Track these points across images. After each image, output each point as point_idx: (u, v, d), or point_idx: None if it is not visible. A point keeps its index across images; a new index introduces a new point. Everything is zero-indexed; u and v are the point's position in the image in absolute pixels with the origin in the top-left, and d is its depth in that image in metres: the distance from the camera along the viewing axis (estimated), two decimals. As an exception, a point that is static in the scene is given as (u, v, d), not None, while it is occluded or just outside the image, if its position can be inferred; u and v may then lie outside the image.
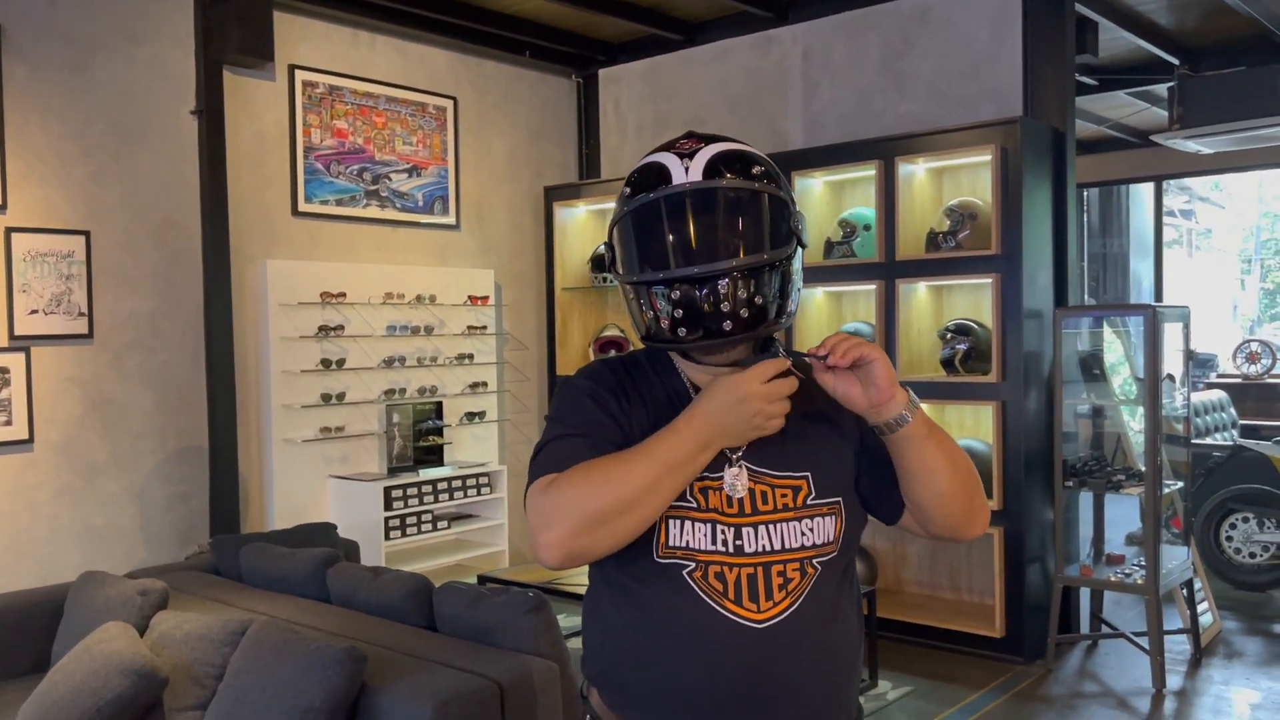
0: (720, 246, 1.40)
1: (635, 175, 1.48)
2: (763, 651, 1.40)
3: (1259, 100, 6.21)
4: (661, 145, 1.51)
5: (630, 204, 1.45)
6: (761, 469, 1.45)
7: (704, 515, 1.42)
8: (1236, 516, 5.87)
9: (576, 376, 1.54)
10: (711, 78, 6.17)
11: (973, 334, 4.86)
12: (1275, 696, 4.34)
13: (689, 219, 1.41)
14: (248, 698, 2.67)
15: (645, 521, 1.36)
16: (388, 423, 5.56)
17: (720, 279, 1.39)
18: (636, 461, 1.34)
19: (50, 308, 4.54)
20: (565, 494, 1.33)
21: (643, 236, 1.45)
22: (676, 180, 1.42)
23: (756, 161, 1.46)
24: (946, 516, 1.48)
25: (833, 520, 1.47)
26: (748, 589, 1.40)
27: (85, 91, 4.66)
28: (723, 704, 1.41)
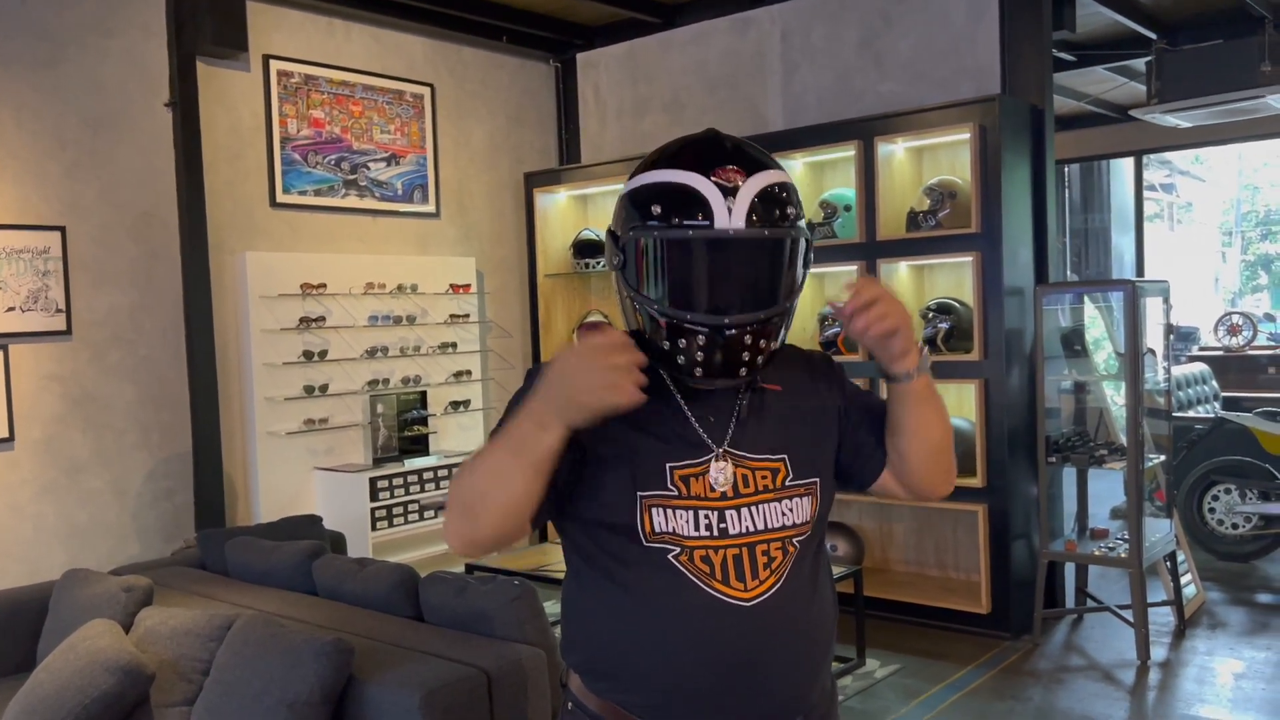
0: (754, 298, 1.38)
1: (665, 194, 1.38)
2: (752, 629, 1.42)
3: (1236, 73, 6.23)
4: (688, 157, 1.40)
5: (660, 229, 1.37)
6: (741, 452, 1.47)
7: (686, 503, 1.43)
8: (1219, 488, 5.92)
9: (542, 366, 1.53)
10: (690, 60, 6.15)
11: (954, 313, 4.87)
12: (1258, 666, 4.39)
13: (728, 267, 1.37)
14: (235, 692, 2.67)
15: (508, 507, 1.34)
16: (372, 413, 5.54)
17: (747, 329, 1.39)
18: (486, 449, 1.37)
19: (27, 304, 4.51)
20: (452, 485, 1.40)
21: (671, 270, 1.38)
22: (719, 222, 1.34)
23: (789, 197, 1.41)
24: (928, 471, 1.55)
25: (809, 500, 1.49)
26: (734, 569, 1.42)
27: (58, 86, 4.61)
28: (714, 683, 1.42)
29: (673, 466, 1.44)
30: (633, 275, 1.42)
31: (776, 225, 1.38)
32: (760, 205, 1.37)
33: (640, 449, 1.44)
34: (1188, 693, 4.15)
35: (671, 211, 1.37)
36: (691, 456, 1.44)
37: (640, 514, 1.42)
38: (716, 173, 1.37)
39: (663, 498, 1.43)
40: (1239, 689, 4.16)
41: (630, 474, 1.43)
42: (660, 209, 1.38)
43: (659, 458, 1.44)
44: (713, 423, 1.47)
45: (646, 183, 1.41)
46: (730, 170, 1.37)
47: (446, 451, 5.85)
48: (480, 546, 1.40)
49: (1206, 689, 4.17)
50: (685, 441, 1.46)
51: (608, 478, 1.44)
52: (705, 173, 1.37)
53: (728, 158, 1.39)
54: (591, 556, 1.49)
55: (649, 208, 1.39)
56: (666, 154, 1.44)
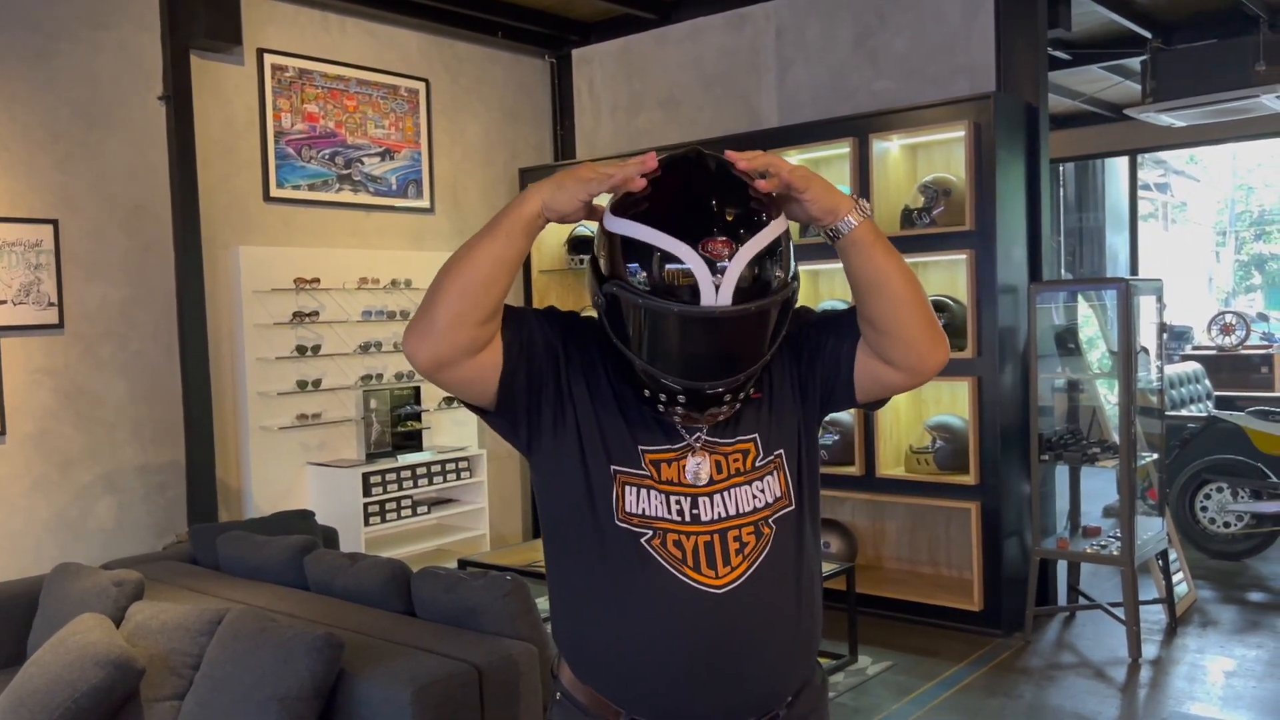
0: (735, 363, 1.39)
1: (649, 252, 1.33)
2: (723, 616, 1.42)
3: (1231, 73, 6.24)
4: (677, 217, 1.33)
5: (645, 299, 1.33)
6: (714, 439, 1.48)
7: (659, 486, 1.45)
8: (1211, 487, 5.94)
9: (584, 319, 1.55)
10: (685, 56, 6.14)
11: (948, 310, 4.87)
12: (1249, 664, 4.40)
13: (712, 341, 1.36)
14: (225, 687, 2.66)
15: (470, 279, 1.37)
16: (365, 408, 5.53)
17: (726, 390, 1.40)
18: (472, 239, 1.40)
19: (19, 298, 4.49)
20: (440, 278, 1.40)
21: (653, 333, 1.37)
22: (705, 299, 1.31)
23: (779, 254, 1.36)
24: (907, 330, 1.44)
25: (776, 475, 1.49)
26: (705, 556, 1.43)
27: (50, 78, 4.59)
28: (687, 669, 1.43)
29: (644, 449, 1.46)
30: (616, 325, 1.41)
31: (764, 295, 1.35)
32: (749, 279, 1.33)
33: (612, 427, 1.46)
34: (1179, 690, 4.15)
35: (656, 278, 1.33)
36: (664, 442, 1.46)
37: (614, 489, 1.43)
38: (705, 245, 1.31)
39: (637, 476, 1.44)
40: (1230, 687, 4.17)
41: (604, 448, 1.45)
42: (645, 274, 1.34)
43: (631, 439, 1.46)
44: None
45: (633, 236, 1.35)
46: (719, 242, 1.31)
47: (440, 447, 5.85)
48: (435, 339, 1.37)
49: (1197, 687, 4.18)
50: (659, 428, 1.47)
51: (583, 448, 1.46)
52: (694, 242, 1.32)
53: (717, 223, 1.33)
54: (568, 544, 1.50)
55: (634, 263, 1.35)
56: (656, 204, 1.36)
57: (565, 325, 1.52)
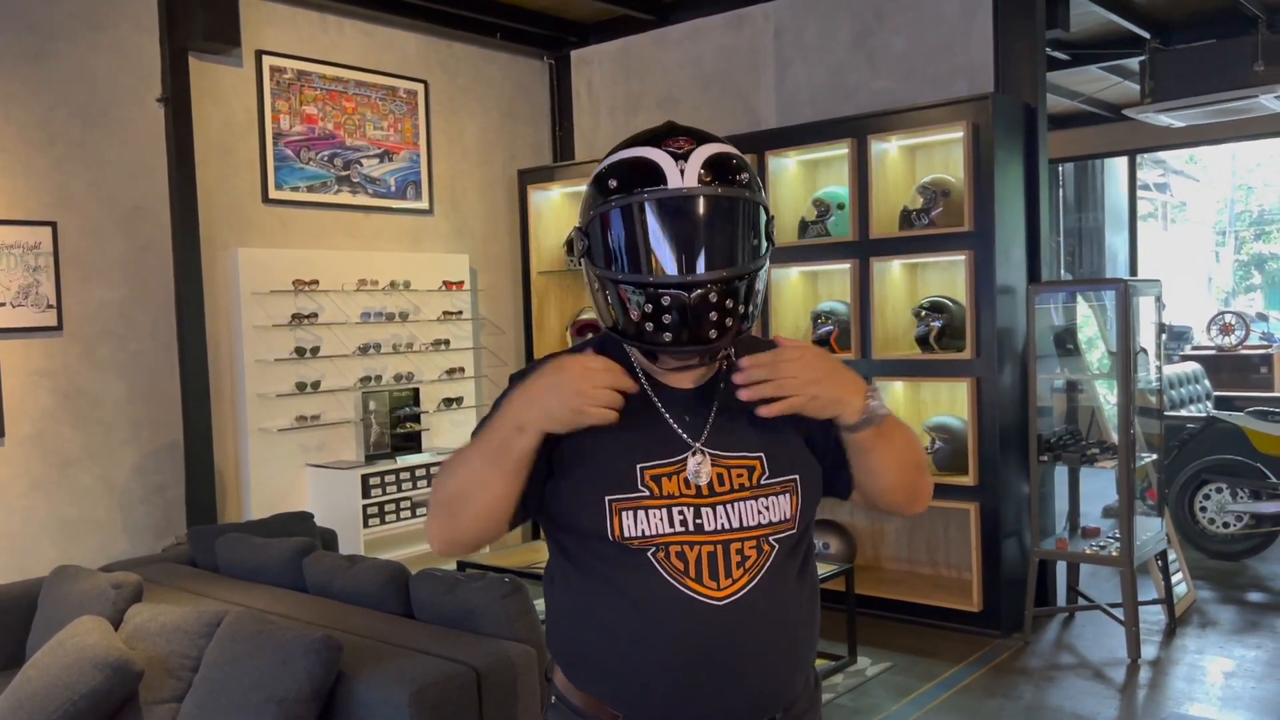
0: (713, 255, 1.39)
1: (621, 168, 1.43)
2: (723, 627, 1.42)
3: (1230, 73, 6.24)
4: (643, 137, 1.45)
5: (618, 199, 1.40)
6: (716, 451, 1.47)
7: (659, 502, 1.44)
8: (1210, 487, 5.93)
9: (524, 372, 1.54)
10: (684, 57, 6.14)
11: (947, 311, 4.88)
12: (1248, 664, 4.40)
13: (685, 224, 1.39)
14: (224, 689, 2.66)
15: (487, 508, 1.40)
16: (364, 410, 5.53)
17: (710, 288, 1.39)
18: (466, 451, 1.41)
19: (18, 300, 4.49)
20: (434, 485, 1.45)
21: (631, 237, 1.40)
22: (672, 182, 1.38)
23: (742, 166, 1.44)
24: (889, 504, 1.57)
25: (788, 498, 1.48)
26: (708, 567, 1.42)
27: (48, 79, 4.59)
28: (686, 677, 1.43)
29: (643, 467, 1.44)
30: (599, 255, 1.44)
31: (728, 185, 1.40)
32: (711, 168, 1.40)
33: (610, 451, 1.44)
34: (1178, 691, 4.15)
35: (626, 183, 1.41)
36: (665, 455, 1.45)
37: (610, 518, 1.42)
38: (667, 142, 1.42)
39: (633, 500, 1.43)
40: (1229, 687, 4.17)
41: (598, 478, 1.44)
42: (616, 182, 1.42)
43: (629, 459, 1.44)
44: (688, 421, 1.48)
45: (603, 167, 1.46)
46: (681, 140, 1.42)
47: (439, 449, 5.85)
48: (460, 546, 1.45)
49: (1196, 687, 4.18)
50: (659, 441, 1.46)
51: (576, 481, 1.45)
52: (657, 144, 1.42)
53: (680, 132, 1.44)
54: (569, 552, 1.50)
55: (606, 184, 1.43)
56: (623, 142, 1.48)
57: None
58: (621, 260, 1.41)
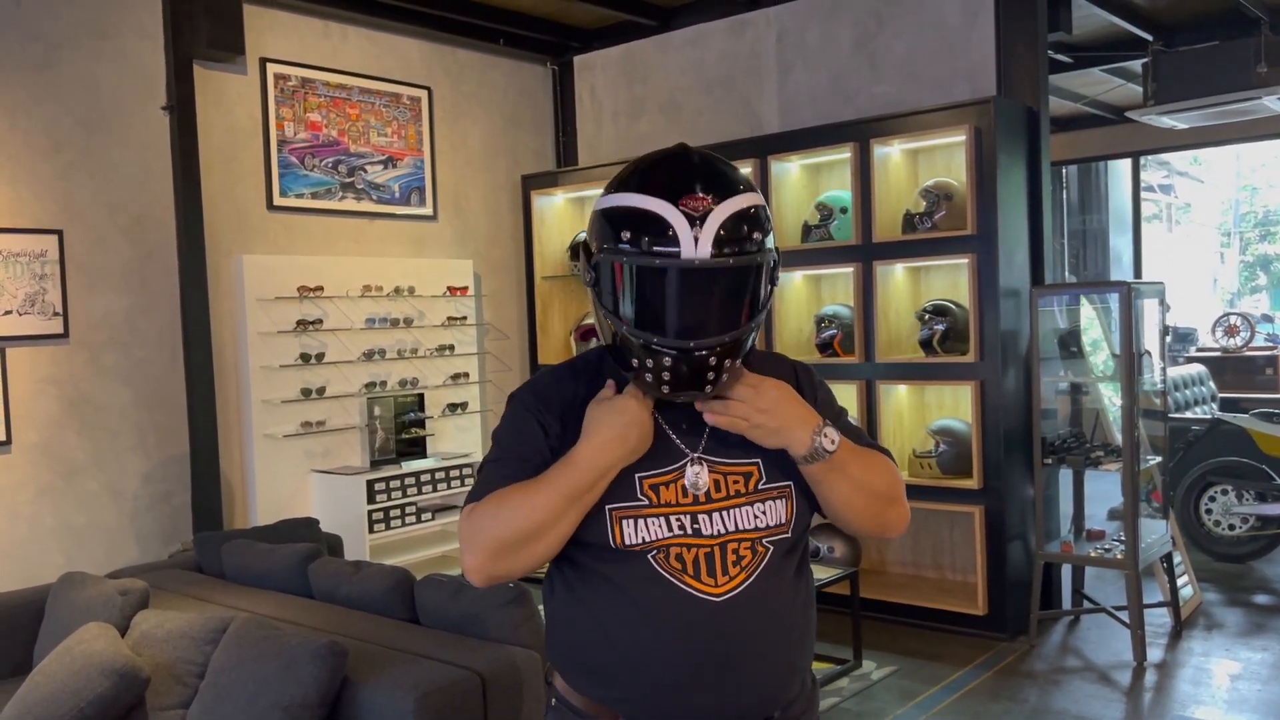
0: (718, 322, 1.40)
1: (634, 219, 1.38)
2: (721, 622, 1.45)
3: (1233, 74, 6.24)
4: (658, 175, 1.41)
5: (627, 256, 1.38)
6: (714, 458, 1.50)
7: (657, 510, 1.47)
8: (1215, 489, 5.92)
9: (523, 391, 1.58)
10: (686, 62, 6.16)
11: (950, 314, 4.88)
12: (1254, 667, 4.39)
13: (693, 295, 1.38)
14: (230, 695, 2.67)
15: (554, 545, 1.45)
16: (369, 416, 5.55)
17: (712, 352, 1.40)
18: (540, 493, 1.43)
19: (24, 308, 4.51)
20: (481, 522, 1.44)
21: (636, 292, 1.40)
22: (685, 251, 1.36)
23: (757, 218, 1.42)
24: (854, 530, 1.61)
25: (784, 503, 1.52)
26: (705, 565, 1.46)
27: (53, 88, 4.61)
28: (685, 676, 1.45)
29: (642, 476, 1.48)
30: (605, 294, 1.44)
31: (742, 252, 1.39)
32: (726, 233, 1.38)
33: None
34: (1183, 694, 4.15)
35: (640, 238, 1.38)
36: (662, 465, 1.48)
37: (610, 526, 1.46)
38: (685, 200, 1.38)
39: (633, 508, 1.46)
40: (1235, 690, 4.16)
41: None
42: (630, 234, 1.39)
43: (629, 468, 1.47)
44: (685, 430, 1.51)
45: (618, 205, 1.42)
46: (698, 198, 1.38)
47: (444, 454, 5.86)
48: (509, 578, 1.49)
49: (1202, 690, 4.18)
50: (657, 451, 1.49)
51: None
52: (674, 200, 1.38)
53: (697, 183, 1.40)
54: (571, 558, 1.52)
55: (619, 232, 1.40)
56: (639, 173, 1.44)
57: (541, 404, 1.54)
58: (626, 309, 1.42)
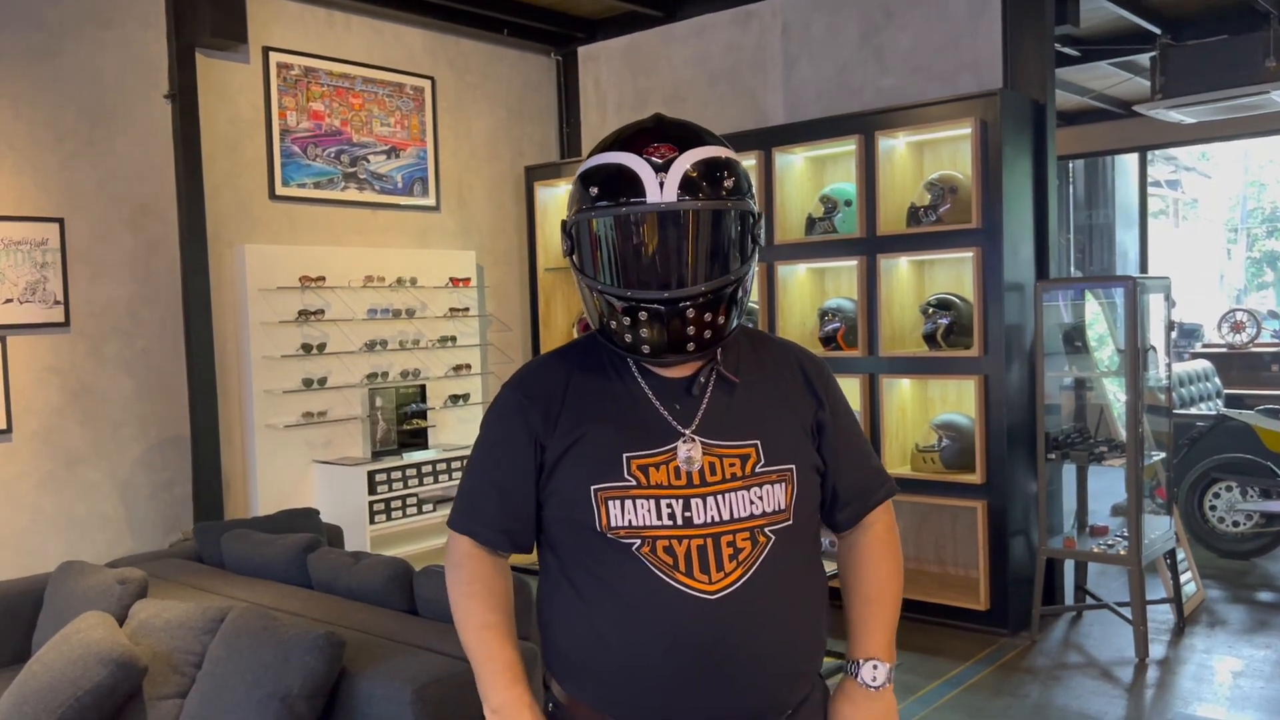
0: (690, 270, 1.38)
1: (601, 175, 1.40)
2: (716, 622, 1.39)
3: (1241, 69, 6.19)
4: (627, 135, 1.42)
5: (596, 210, 1.39)
6: (709, 439, 1.44)
7: (646, 492, 1.41)
8: (1220, 485, 5.90)
9: (512, 387, 1.54)
10: (691, 53, 6.13)
11: (954, 308, 4.85)
12: (1257, 664, 4.37)
13: (663, 240, 1.37)
14: (227, 685, 2.66)
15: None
16: (371, 406, 5.54)
17: (689, 302, 1.38)
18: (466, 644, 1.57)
19: (25, 296, 4.50)
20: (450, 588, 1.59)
21: (609, 247, 1.40)
22: (650, 196, 1.36)
23: (728, 168, 1.41)
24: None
25: (783, 487, 1.45)
26: (698, 560, 1.40)
27: (56, 77, 4.60)
28: (681, 675, 1.40)
29: (630, 456, 1.42)
30: (584, 260, 1.44)
31: (710, 198, 1.38)
32: (692, 179, 1.37)
33: (597, 439, 1.44)
34: (1186, 691, 4.13)
35: (607, 191, 1.39)
36: (652, 445, 1.43)
37: (596, 507, 1.41)
38: (648, 150, 1.39)
39: (620, 489, 1.41)
40: (1237, 687, 4.14)
41: (585, 467, 1.43)
42: (598, 190, 1.40)
43: (616, 448, 1.43)
44: (679, 409, 1.46)
45: (587, 167, 1.44)
46: (663, 147, 1.39)
47: (445, 445, 5.85)
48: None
49: (1205, 687, 4.16)
50: (647, 430, 1.44)
51: (564, 472, 1.45)
52: (638, 151, 1.39)
53: (664, 136, 1.40)
54: (560, 552, 1.50)
55: (588, 190, 1.41)
56: (609, 140, 1.45)
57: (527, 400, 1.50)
58: (601, 268, 1.41)
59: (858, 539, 1.61)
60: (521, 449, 1.48)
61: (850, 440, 1.57)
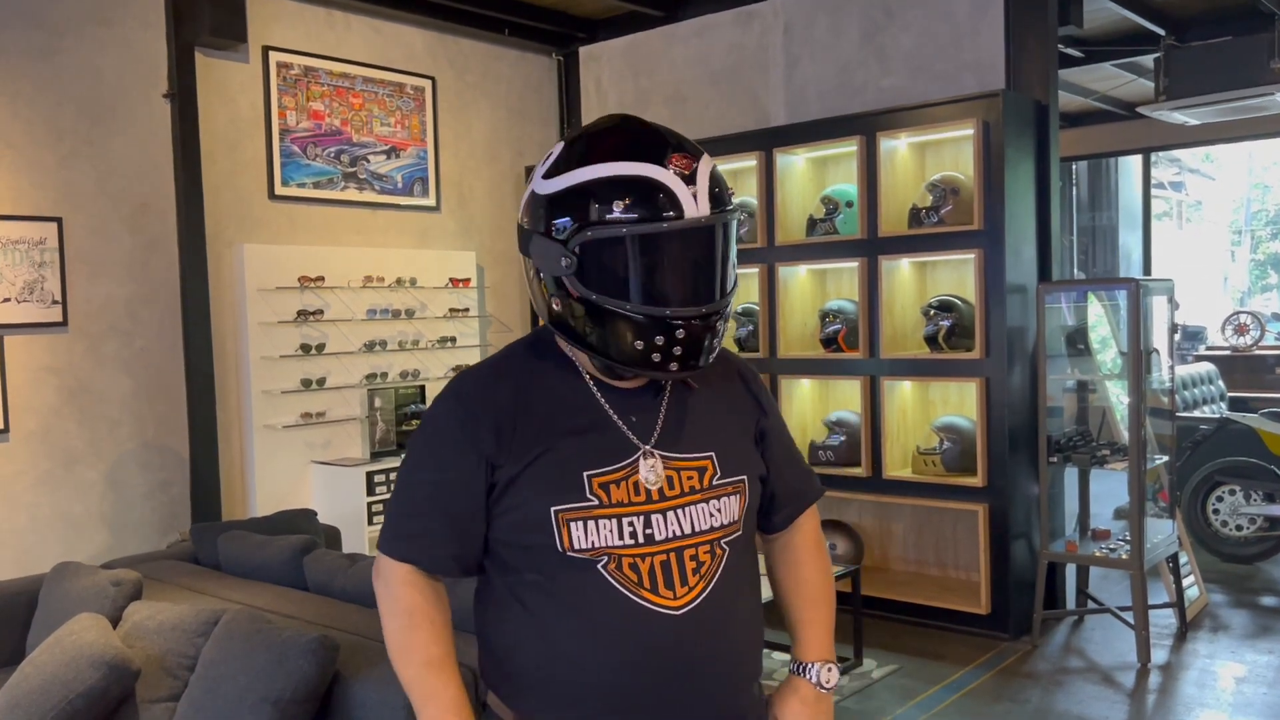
0: (719, 281, 1.37)
1: (626, 189, 1.31)
2: (682, 637, 1.37)
3: (1246, 70, 6.17)
4: (634, 149, 1.34)
5: (630, 226, 1.30)
6: (668, 452, 1.42)
7: (608, 511, 1.37)
8: (1223, 489, 5.87)
9: (452, 397, 1.45)
10: (692, 53, 6.11)
11: (956, 310, 4.83)
12: (1260, 669, 4.34)
13: (698, 255, 1.34)
14: (219, 688, 2.64)
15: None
16: (370, 407, 5.51)
17: (719, 315, 1.36)
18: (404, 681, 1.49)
19: (23, 296, 4.49)
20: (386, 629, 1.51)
21: (650, 265, 1.32)
22: (689, 211, 1.31)
23: (723, 178, 1.41)
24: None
25: (737, 499, 1.45)
26: (662, 577, 1.37)
27: (55, 76, 4.58)
28: (645, 692, 1.38)
29: (591, 475, 1.38)
30: (593, 277, 1.34)
31: (727, 208, 1.36)
32: (713, 190, 1.35)
33: (556, 458, 1.39)
34: (1188, 696, 4.10)
35: (638, 205, 1.31)
36: (613, 461, 1.39)
37: (558, 530, 1.36)
38: (672, 161, 1.33)
39: (582, 509, 1.36)
40: (1240, 693, 4.11)
41: (543, 487, 1.38)
42: (625, 204, 1.31)
43: (576, 467, 1.38)
44: (635, 422, 1.42)
45: (595, 178, 1.33)
46: (683, 157, 1.34)
47: (445, 446, 5.82)
48: None
49: (1207, 693, 4.13)
50: (606, 446, 1.40)
51: (520, 493, 1.39)
52: (660, 162, 1.33)
53: (671, 145, 1.35)
54: (507, 571, 1.44)
55: (609, 204, 1.31)
56: (599, 148, 1.35)
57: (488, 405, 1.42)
58: (626, 287, 1.33)
59: (791, 539, 1.61)
60: (471, 470, 1.40)
61: (784, 442, 1.59)
